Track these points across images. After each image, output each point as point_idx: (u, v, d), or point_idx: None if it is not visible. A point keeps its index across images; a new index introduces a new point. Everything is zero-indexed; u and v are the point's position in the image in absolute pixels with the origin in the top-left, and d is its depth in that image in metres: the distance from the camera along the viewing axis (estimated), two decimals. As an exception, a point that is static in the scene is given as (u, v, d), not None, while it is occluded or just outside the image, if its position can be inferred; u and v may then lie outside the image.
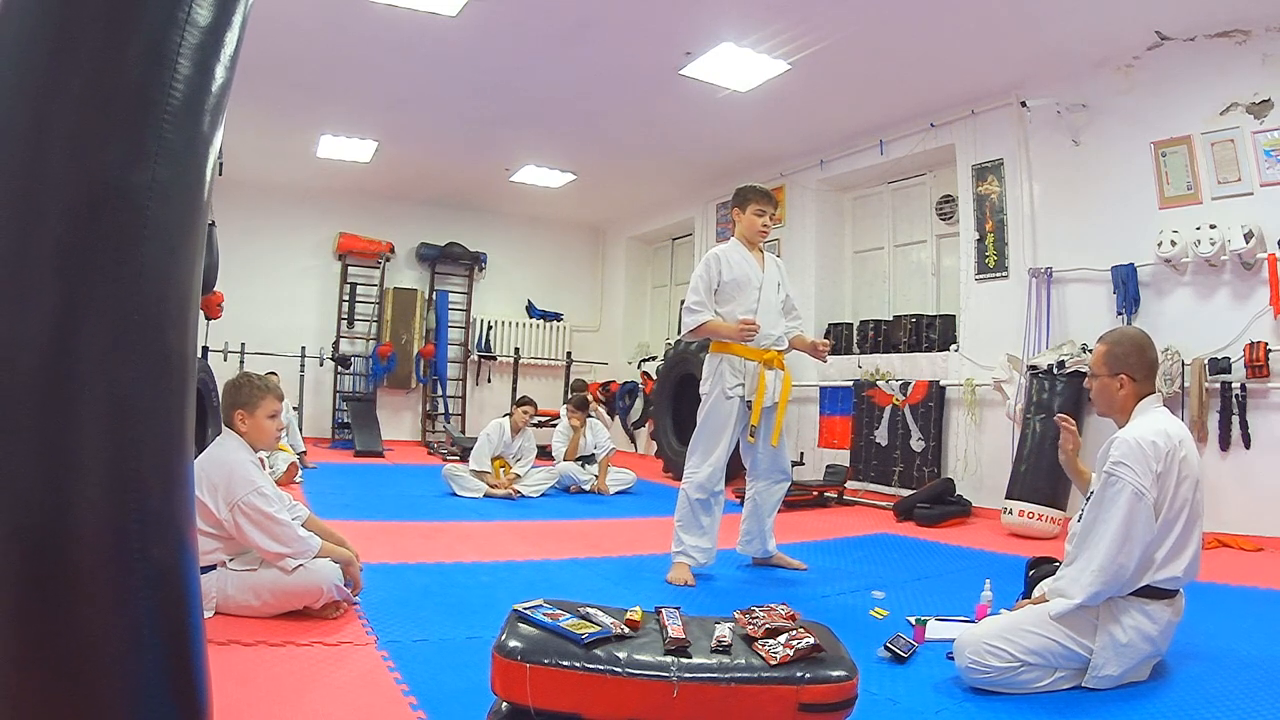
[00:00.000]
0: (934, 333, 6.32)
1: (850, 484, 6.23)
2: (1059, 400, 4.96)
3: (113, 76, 1.15)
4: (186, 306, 1.25)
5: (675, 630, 1.65)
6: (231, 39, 1.27)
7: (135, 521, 1.15)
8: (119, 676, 1.14)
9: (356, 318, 9.61)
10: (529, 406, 6.06)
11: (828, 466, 6.33)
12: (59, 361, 1.11)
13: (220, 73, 1.25)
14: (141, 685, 1.15)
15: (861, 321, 7.09)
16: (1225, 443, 4.44)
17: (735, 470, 3.65)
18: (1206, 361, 4.49)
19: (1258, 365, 4.29)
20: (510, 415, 6.08)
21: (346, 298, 9.56)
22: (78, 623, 1.11)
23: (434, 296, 9.94)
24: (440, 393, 9.86)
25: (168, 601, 1.19)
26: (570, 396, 6.78)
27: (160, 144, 1.16)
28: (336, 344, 9.39)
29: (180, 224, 1.22)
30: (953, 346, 6.08)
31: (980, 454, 5.69)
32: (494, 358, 10.22)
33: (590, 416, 6.54)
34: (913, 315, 6.54)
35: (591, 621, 1.65)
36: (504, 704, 1.57)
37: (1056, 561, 2.33)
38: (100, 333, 1.13)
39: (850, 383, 6.70)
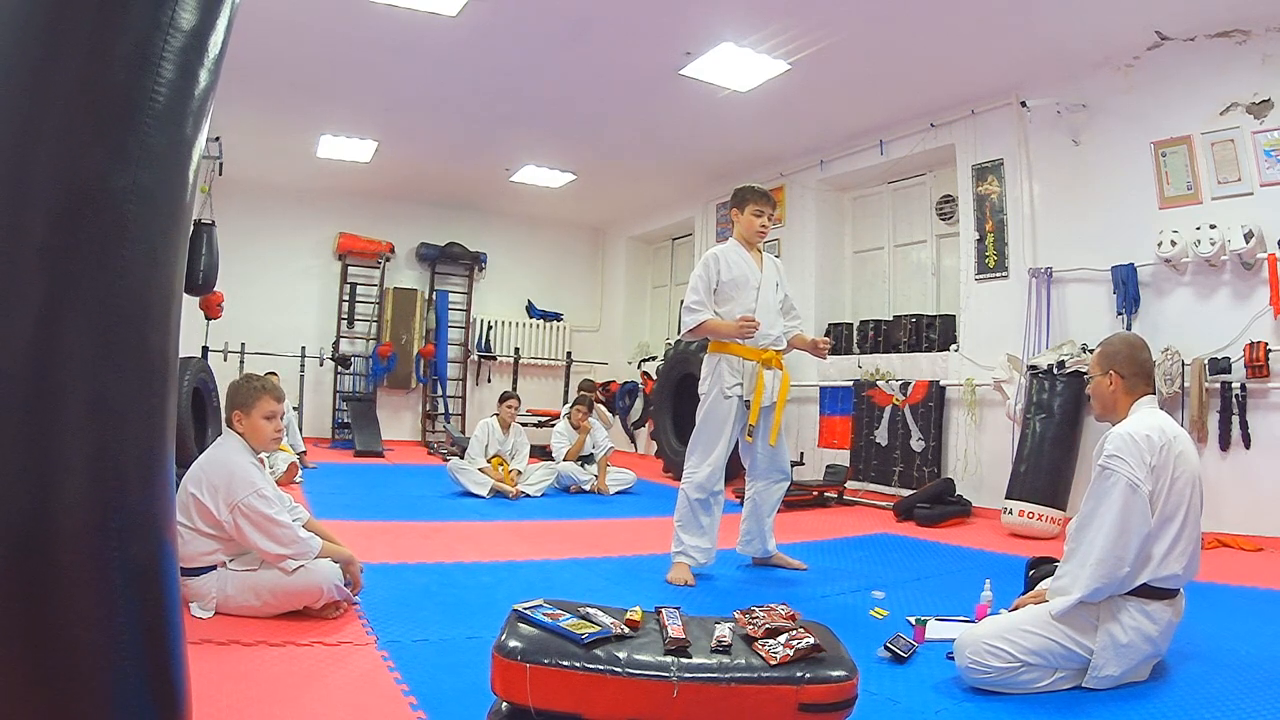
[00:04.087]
0: (934, 333, 6.32)
1: (850, 484, 6.23)
2: (1059, 400, 4.96)
3: (96, 80, 1.15)
4: (168, 308, 1.26)
5: (675, 630, 1.65)
6: (215, 42, 1.27)
7: (115, 521, 1.16)
8: (98, 675, 1.14)
9: (356, 318, 9.61)
10: (513, 401, 6.15)
11: (828, 466, 6.33)
12: (41, 363, 1.11)
13: (203, 76, 1.25)
14: (120, 683, 1.16)
15: (861, 321, 7.09)
16: (1225, 443, 4.44)
17: (735, 470, 3.65)
18: (1206, 361, 4.49)
19: (1258, 365, 4.29)
20: (497, 414, 6.11)
21: (346, 298, 9.56)
22: (57, 621, 1.11)
23: (434, 296, 9.94)
24: (440, 393, 9.86)
25: (147, 600, 1.20)
26: (577, 397, 6.79)
27: (143, 148, 1.17)
28: (336, 344, 9.39)
29: (162, 227, 1.22)
30: (953, 346, 6.08)
31: (980, 454, 5.69)
32: (494, 358, 10.22)
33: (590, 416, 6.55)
34: (913, 315, 6.54)
35: (591, 621, 1.65)
36: (504, 704, 1.57)
37: (1056, 561, 2.33)
38: (82, 334, 1.14)
39: (850, 383, 6.70)
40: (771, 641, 1.62)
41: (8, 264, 1.11)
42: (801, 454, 6.88)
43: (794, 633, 1.64)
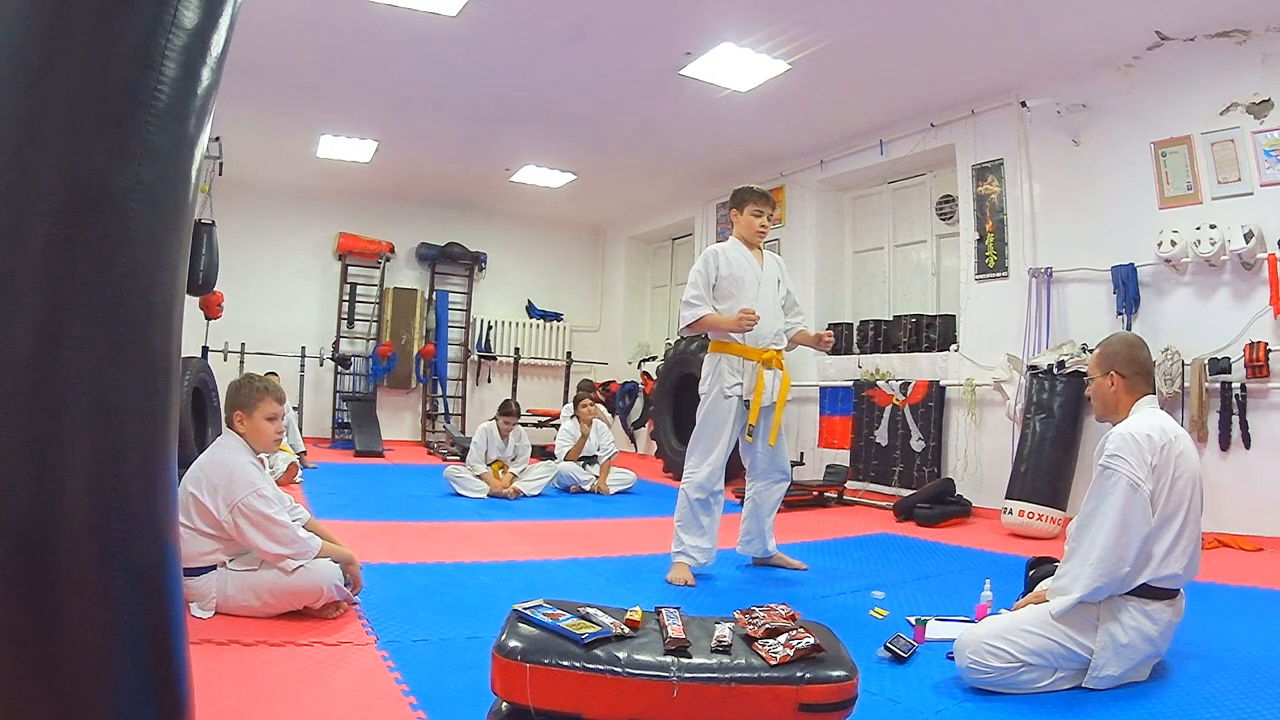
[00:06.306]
0: (934, 333, 6.32)
1: (850, 484, 6.23)
2: (1059, 400, 4.96)
3: (99, 79, 1.15)
4: (171, 308, 1.25)
5: (675, 630, 1.65)
6: (218, 41, 1.27)
7: (118, 521, 1.15)
8: (100, 675, 1.14)
9: (356, 318, 9.61)
10: (509, 417, 6.02)
11: (828, 466, 6.33)
12: (43, 363, 1.11)
13: (206, 75, 1.25)
14: (122, 683, 1.16)
15: (861, 321, 7.09)
16: (1225, 443, 4.44)
17: (735, 470, 3.65)
18: (1206, 361, 4.49)
19: (1258, 365, 4.29)
20: (495, 420, 6.10)
21: (346, 298, 9.56)
22: (60, 621, 1.11)
23: (434, 296, 9.94)
24: (440, 393, 9.86)
25: (149, 600, 1.20)
26: (577, 394, 6.78)
27: (145, 147, 1.17)
28: (336, 344, 9.39)
29: (165, 226, 1.22)
30: (953, 346, 6.08)
31: (980, 454, 5.69)
32: (494, 358, 10.22)
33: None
34: (913, 315, 6.53)
35: (591, 621, 1.65)
36: (504, 704, 1.57)
37: (1056, 561, 2.33)
38: (85, 335, 1.13)
39: (850, 383, 6.70)
40: (771, 641, 1.62)
41: (10, 265, 1.11)
42: (801, 454, 6.88)
43: (794, 633, 1.64)
